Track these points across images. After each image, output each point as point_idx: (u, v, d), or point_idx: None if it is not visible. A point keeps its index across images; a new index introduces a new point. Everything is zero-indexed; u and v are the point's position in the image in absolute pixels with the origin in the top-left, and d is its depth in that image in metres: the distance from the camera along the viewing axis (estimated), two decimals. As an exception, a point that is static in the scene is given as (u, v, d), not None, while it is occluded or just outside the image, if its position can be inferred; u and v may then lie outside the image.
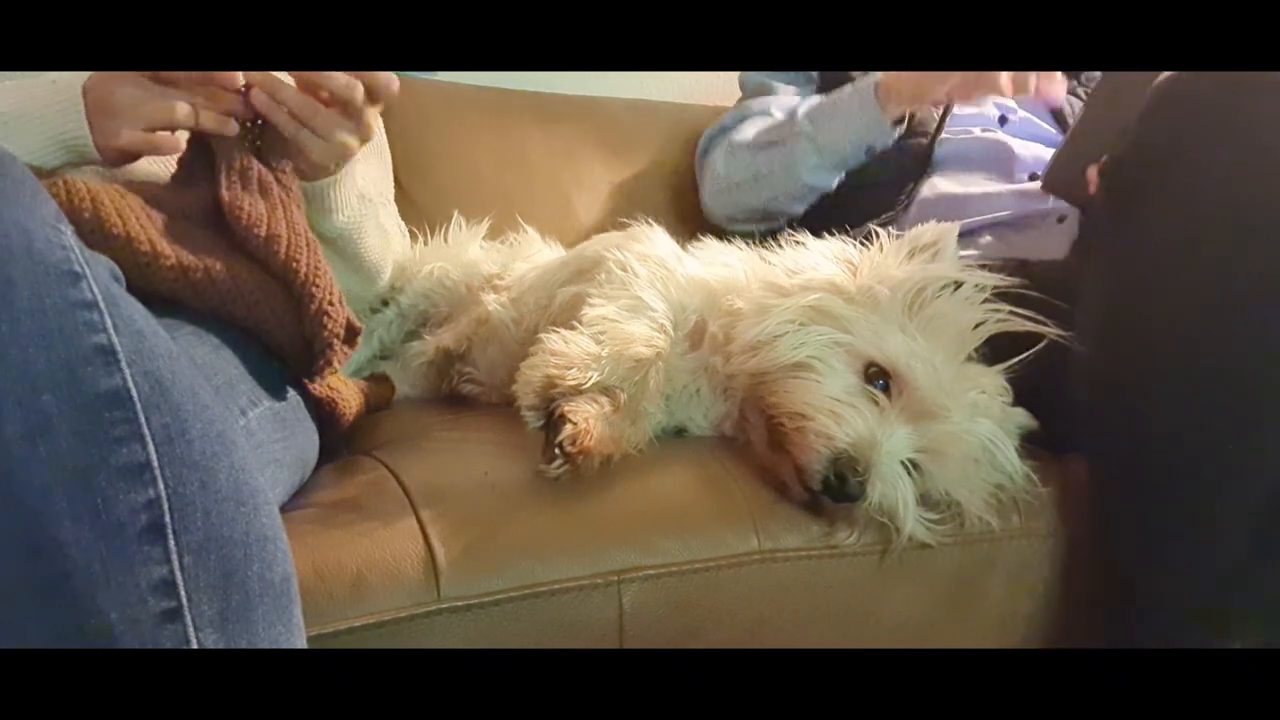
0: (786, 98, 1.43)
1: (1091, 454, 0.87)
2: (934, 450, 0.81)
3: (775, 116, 1.40)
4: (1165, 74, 0.85)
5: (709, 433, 0.92)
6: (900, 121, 1.27)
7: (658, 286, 0.90)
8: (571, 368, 0.80)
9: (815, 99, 1.36)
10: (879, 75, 1.26)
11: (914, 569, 0.83)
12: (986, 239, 1.22)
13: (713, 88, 1.77)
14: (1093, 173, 1.01)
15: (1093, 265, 0.88)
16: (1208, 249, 0.78)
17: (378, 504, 0.74)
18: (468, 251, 1.20)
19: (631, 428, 0.81)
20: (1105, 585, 0.85)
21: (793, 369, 0.82)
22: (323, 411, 0.82)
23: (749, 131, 1.39)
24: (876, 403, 0.80)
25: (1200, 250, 0.79)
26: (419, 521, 0.72)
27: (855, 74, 1.44)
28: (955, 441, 0.81)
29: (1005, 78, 1.11)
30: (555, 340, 0.84)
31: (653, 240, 0.97)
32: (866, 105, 1.26)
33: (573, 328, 0.85)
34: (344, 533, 0.71)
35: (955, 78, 1.14)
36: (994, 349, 0.85)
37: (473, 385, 1.09)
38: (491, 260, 1.18)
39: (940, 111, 1.37)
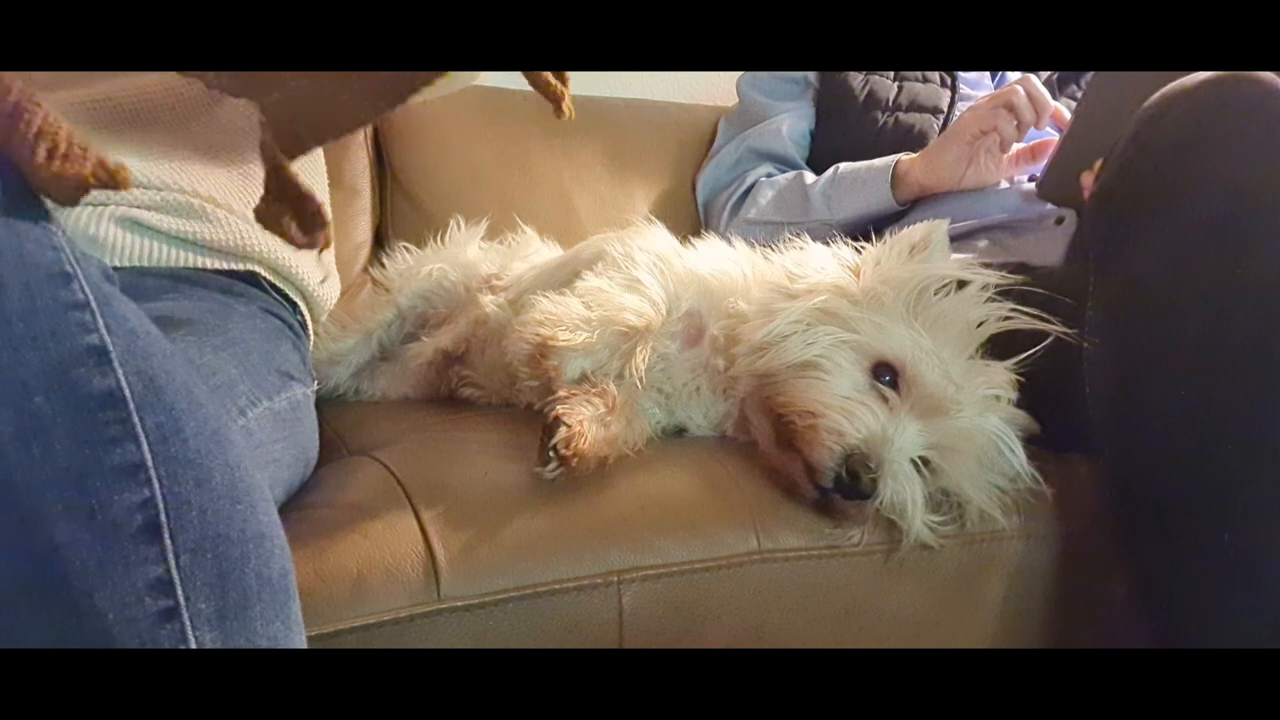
0: (785, 131, 1.51)
1: (1112, 455, 0.87)
2: (945, 446, 0.81)
3: (780, 184, 1.46)
4: (1150, 98, 0.85)
5: (709, 432, 0.92)
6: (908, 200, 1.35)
7: (655, 274, 0.90)
8: (561, 326, 0.81)
9: (821, 177, 1.42)
10: (896, 160, 1.34)
11: (914, 569, 0.83)
12: (983, 243, 1.22)
13: (713, 88, 1.78)
14: (1087, 178, 1.01)
15: (1095, 279, 0.88)
16: (1207, 258, 0.78)
17: (378, 504, 0.74)
18: (466, 252, 1.19)
19: (627, 428, 0.81)
20: (1137, 585, 0.84)
21: (801, 368, 0.82)
22: None
23: (763, 206, 1.46)
24: (886, 400, 0.80)
25: (1201, 259, 0.79)
26: (419, 521, 0.72)
27: (853, 75, 1.46)
28: (967, 437, 0.81)
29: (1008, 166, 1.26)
30: (546, 301, 0.84)
31: (654, 236, 0.97)
32: (881, 193, 1.34)
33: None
34: (344, 533, 0.70)
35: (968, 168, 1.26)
36: (993, 350, 0.85)
37: (472, 389, 1.09)
38: (490, 261, 1.18)
39: (944, 122, 1.38)
